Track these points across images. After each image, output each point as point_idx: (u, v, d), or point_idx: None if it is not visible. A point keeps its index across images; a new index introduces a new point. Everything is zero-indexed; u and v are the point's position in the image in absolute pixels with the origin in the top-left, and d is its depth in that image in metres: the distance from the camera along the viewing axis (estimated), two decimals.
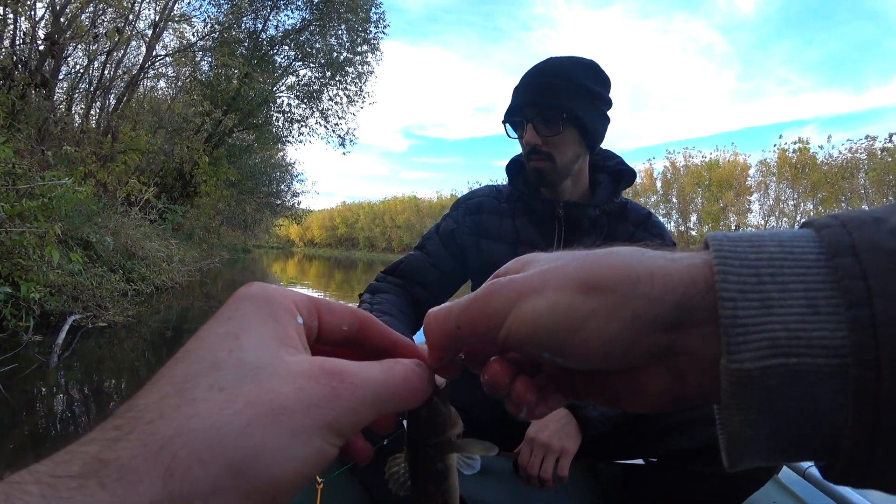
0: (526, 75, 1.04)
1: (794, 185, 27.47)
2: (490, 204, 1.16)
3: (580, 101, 0.99)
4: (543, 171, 1.03)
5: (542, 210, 1.09)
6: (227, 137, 14.95)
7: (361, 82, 16.04)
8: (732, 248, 0.20)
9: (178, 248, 8.78)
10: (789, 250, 0.20)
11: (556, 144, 1.01)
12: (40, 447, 1.99)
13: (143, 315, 4.80)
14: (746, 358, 0.18)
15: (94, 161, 8.82)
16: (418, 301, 1.11)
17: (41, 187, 3.27)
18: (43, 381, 2.68)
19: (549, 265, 0.24)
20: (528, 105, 1.01)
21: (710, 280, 0.20)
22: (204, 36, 13.05)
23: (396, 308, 1.02)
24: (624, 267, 0.22)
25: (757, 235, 0.21)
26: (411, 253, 1.19)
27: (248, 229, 24.15)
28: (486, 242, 1.12)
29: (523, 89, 1.03)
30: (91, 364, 3.19)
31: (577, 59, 1.03)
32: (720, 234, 0.21)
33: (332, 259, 29.66)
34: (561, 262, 0.24)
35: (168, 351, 3.81)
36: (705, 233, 0.28)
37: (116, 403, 2.54)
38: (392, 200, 53.57)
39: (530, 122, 1.00)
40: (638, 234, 1.08)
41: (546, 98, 0.99)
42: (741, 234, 0.21)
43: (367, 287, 1.12)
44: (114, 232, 6.05)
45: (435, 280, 1.13)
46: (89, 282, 4.38)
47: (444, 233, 1.17)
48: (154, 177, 11.73)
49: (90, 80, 11.04)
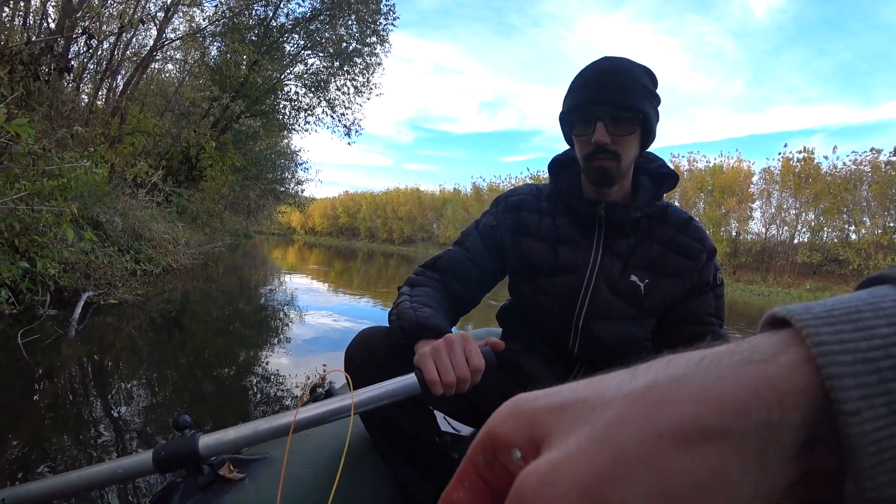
0: (589, 73, 1.00)
1: (796, 194, 27.51)
2: (530, 202, 1.14)
3: (646, 102, 0.98)
4: (609, 170, 1.00)
5: (583, 210, 1.06)
6: (233, 123, 15.03)
7: (369, 73, 16.08)
8: (836, 338, 0.16)
9: (183, 231, 8.92)
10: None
11: (623, 144, 0.99)
12: (63, 408, 2.15)
13: (150, 295, 4.95)
14: (884, 483, 0.15)
15: (102, 142, 8.95)
16: (456, 296, 1.10)
17: (61, 168, 3.41)
18: (62, 351, 2.84)
19: (598, 421, 0.17)
20: (599, 103, 0.97)
21: (818, 384, 0.16)
22: (214, 21, 13.13)
23: (436, 301, 1.02)
24: (717, 392, 0.16)
25: (853, 309, 0.17)
26: (450, 248, 1.18)
27: (250, 215, 24.27)
28: (526, 241, 1.10)
29: (593, 87, 0.98)
30: (105, 337, 3.35)
31: (633, 61, 1.02)
32: (805, 311, 0.17)
33: (333, 248, 29.80)
34: (618, 412, 0.17)
35: (171, 330, 3.97)
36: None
37: (128, 373, 2.70)
38: (394, 192, 53.54)
39: (600, 121, 0.97)
40: (678, 238, 1.06)
41: (619, 97, 0.96)
42: (833, 310, 0.17)
43: (405, 280, 1.12)
44: (122, 213, 6.18)
45: (473, 276, 1.12)
46: (101, 260, 4.53)
47: (484, 229, 1.15)
48: (161, 160, 11.85)
49: (99, 61, 11.16)
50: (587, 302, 1.05)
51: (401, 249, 40.83)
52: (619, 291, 1.04)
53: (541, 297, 1.09)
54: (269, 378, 2.90)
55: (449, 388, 0.78)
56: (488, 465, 0.21)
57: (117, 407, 2.26)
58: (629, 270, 1.04)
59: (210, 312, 5.05)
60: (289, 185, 24.15)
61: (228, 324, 4.63)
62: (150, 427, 2.06)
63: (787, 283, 24.91)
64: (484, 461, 0.21)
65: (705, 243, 1.08)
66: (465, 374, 0.79)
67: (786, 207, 28.34)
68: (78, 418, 2.06)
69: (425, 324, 0.90)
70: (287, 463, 0.91)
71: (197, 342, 3.75)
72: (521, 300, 1.16)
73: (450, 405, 1.10)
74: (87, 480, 0.77)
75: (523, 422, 0.19)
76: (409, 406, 0.92)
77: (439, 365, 0.79)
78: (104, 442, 1.89)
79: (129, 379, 2.65)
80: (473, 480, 0.21)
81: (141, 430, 2.03)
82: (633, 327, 1.07)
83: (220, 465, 0.90)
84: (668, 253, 1.05)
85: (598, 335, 1.06)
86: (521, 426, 0.19)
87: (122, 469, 0.77)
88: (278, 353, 3.54)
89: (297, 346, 3.73)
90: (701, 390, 0.16)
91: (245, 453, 1.00)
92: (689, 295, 1.06)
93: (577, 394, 0.19)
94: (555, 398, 0.20)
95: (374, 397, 0.79)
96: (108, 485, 0.79)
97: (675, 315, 1.08)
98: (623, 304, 1.04)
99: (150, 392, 2.51)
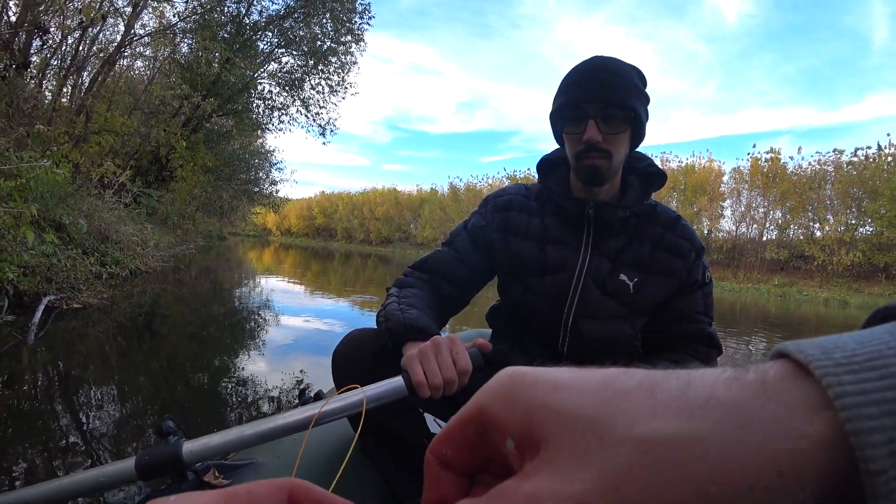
0: (581, 71, 1.00)
1: (764, 193, 28.35)
2: (519, 202, 1.14)
3: (637, 101, 0.98)
4: (600, 168, 0.99)
5: (572, 209, 1.06)
6: (205, 122, 14.71)
7: (344, 72, 15.97)
8: (859, 388, 0.15)
9: (152, 233, 8.67)
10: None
11: (614, 142, 0.98)
12: (22, 416, 2.04)
13: (117, 298, 4.78)
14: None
15: (66, 141, 8.63)
16: (445, 297, 1.10)
17: (19, 168, 3.25)
18: (22, 359, 2.72)
19: (606, 463, 0.16)
20: (591, 101, 0.97)
21: (841, 441, 0.15)
22: (185, 17, 12.81)
23: (423, 303, 1.02)
24: (740, 466, 0.15)
25: (876, 354, 0.16)
26: (439, 249, 1.17)
27: (223, 216, 23.82)
28: (515, 240, 1.10)
29: (584, 85, 0.98)
30: (68, 342, 3.21)
31: (623, 61, 1.02)
32: (824, 355, 0.16)
33: (309, 249, 29.44)
34: (630, 461, 0.16)
35: (140, 334, 3.84)
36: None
37: (93, 379, 2.58)
38: (371, 192, 53.21)
39: (592, 119, 0.96)
40: (667, 237, 1.06)
41: (611, 95, 0.96)
42: (854, 356, 0.16)
43: (394, 281, 1.11)
44: (87, 215, 5.97)
45: (463, 276, 1.12)
46: (63, 263, 4.35)
47: (473, 229, 1.15)
48: (129, 160, 11.51)
49: (63, 56, 10.76)
50: (576, 301, 1.05)
51: (378, 250, 40.60)
52: (609, 290, 1.04)
53: (530, 297, 1.08)
54: (244, 382, 2.81)
55: (436, 391, 0.78)
56: (478, 434, 0.21)
57: (80, 415, 2.15)
58: (618, 269, 1.04)
59: (181, 316, 4.91)
60: (263, 185, 23.80)
61: (201, 328, 4.50)
62: (115, 435, 1.97)
63: (757, 280, 25.63)
64: (474, 431, 0.21)
65: (694, 242, 1.08)
66: (452, 376, 0.78)
67: (755, 206, 29.20)
68: (37, 427, 1.96)
69: (413, 325, 0.90)
70: (276, 468, 0.90)
71: (167, 347, 3.63)
72: (510, 300, 1.15)
73: (438, 407, 1.09)
74: (66, 490, 0.74)
75: (521, 412, 0.19)
76: (397, 408, 0.91)
77: (426, 367, 0.79)
78: (67, 452, 1.79)
79: (94, 385, 2.53)
80: (461, 443, 0.21)
81: (106, 438, 1.94)
82: (622, 326, 1.06)
83: (205, 471, 0.87)
84: (657, 252, 1.05)
85: (587, 334, 1.05)
86: (517, 415, 0.19)
87: (104, 477, 0.74)
88: (253, 357, 3.45)
89: (272, 350, 3.65)
90: (724, 459, 0.15)
91: (231, 459, 0.99)
92: (679, 293, 1.07)
93: (583, 402, 0.17)
94: (559, 397, 0.18)
95: (359, 401, 0.78)
96: (87, 494, 0.76)
97: (665, 313, 1.08)
98: (612, 303, 1.04)
99: (116, 399, 2.40)
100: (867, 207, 23.96)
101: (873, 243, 23.47)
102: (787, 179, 27.32)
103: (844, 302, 20.24)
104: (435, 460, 0.22)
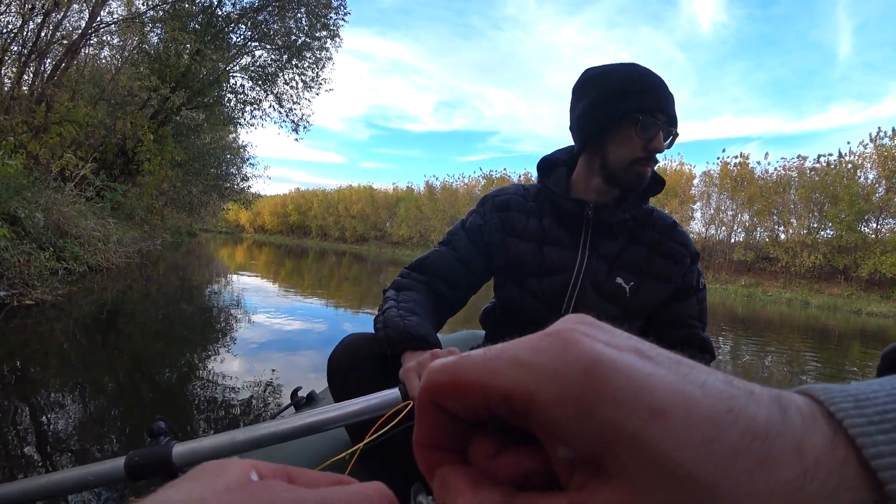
0: (647, 78, 0.99)
1: (733, 196, 29.17)
2: (518, 202, 1.13)
3: None
4: (646, 177, 1.02)
5: (571, 211, 1.06)
6: (174, 115, 14.32)
7: (319, 68, 15.74)
8: (891, 450, 0.13)
9: (116, 227, 8.38)
10: None
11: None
12: None
13: (75, 295, 4.59)
14: None
15: (24, 131, 8.27)
16: (443, 298, 1.09)
17: None
18: None
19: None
20: (661, 111, 0.98)
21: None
22: (154, 6, 12.43)
23: (422, 307, 1.00)
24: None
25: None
26: (436, 249, 1.14)
27: (193, 212, 23.23)
28: (513, 241, 1.09)
29: (658, 93, 0.98)
30: (18, 340, 3.06)
31: None
32: (856, 410, 0.14)
33: (283, 246, 28.98)
34: None
35: (97, 332, 3.68)
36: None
37: (42, 377, 2.45)
38: (347, 190, 52.75)
39: (661, 129, 0.98)
40: (664, 242, 1.07)
41: (673, 110, 1.00)
42: (887, 412, 0.14)
43: (392, 283, 1.09)
44: (45, 208, 5.72)
45: (461, 276, 1.10)
46: (16, 258, 4.15)
47: (471, 228, 1.13)
48: (93, 152, 11.10)
49: (24, 42, 10.31)
50: (573, 303, 1.04)
51: (353, 248, 40.29)
52: (605, 293, 1.04)
53: (527, 298, 1.07)
54: (214, 381, 2.72)
55: None
56: (507, 410, 0.15)
57: (25, 415, 2.04)
58: (615, 272, 1.04)
59: (143, 314, 4.73)
60: (234, 181, 23.29)
61: (164, 327, 4.34)
62: (72, 435, 1.87)
63: (725, 280, 26.35)
64: (502, 404, 0.15)
65: (689, 248, 1.10)
66: None
67: (723, 209, 30.01)
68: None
69: (413, 334, 0.88)
70: None
71: (129, 345, 3.49)
72: (506, 301, 1.14)
73: None
74: (53, 486, 0.72)
75: (594, 433, 0.14)
76: (395, 414, 0.89)
77: None
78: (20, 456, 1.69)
79: (43, 385, 2.41)
80: (478, 402, 0.16)
81: (56, 440, 1.83)
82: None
83: None
84: (653, 256, 1.06)
85: None
86: (587, 436, 0.14)
87: (93, 476, 0.72)
88: (223, 355, 3.35)
89: (243, 348, 3.54)
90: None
91: None
92: (674, 298, 1.07)
93: (688, 454, 0.13)
94: (657, 435, 0.13)
95: (355, 412, 0.77)
96: (75, 492, 0.77)
97: (660, 318, 1.08)
98: (609, 305, 1.04)
99: (68, 398, 2.29)
100: (828, 212, 24.90)
101: (833, 246, 24.41)
102: (755, 184, 28.17)
103: (806, 302, 20.98)
104: (432, 405, 0.18)
